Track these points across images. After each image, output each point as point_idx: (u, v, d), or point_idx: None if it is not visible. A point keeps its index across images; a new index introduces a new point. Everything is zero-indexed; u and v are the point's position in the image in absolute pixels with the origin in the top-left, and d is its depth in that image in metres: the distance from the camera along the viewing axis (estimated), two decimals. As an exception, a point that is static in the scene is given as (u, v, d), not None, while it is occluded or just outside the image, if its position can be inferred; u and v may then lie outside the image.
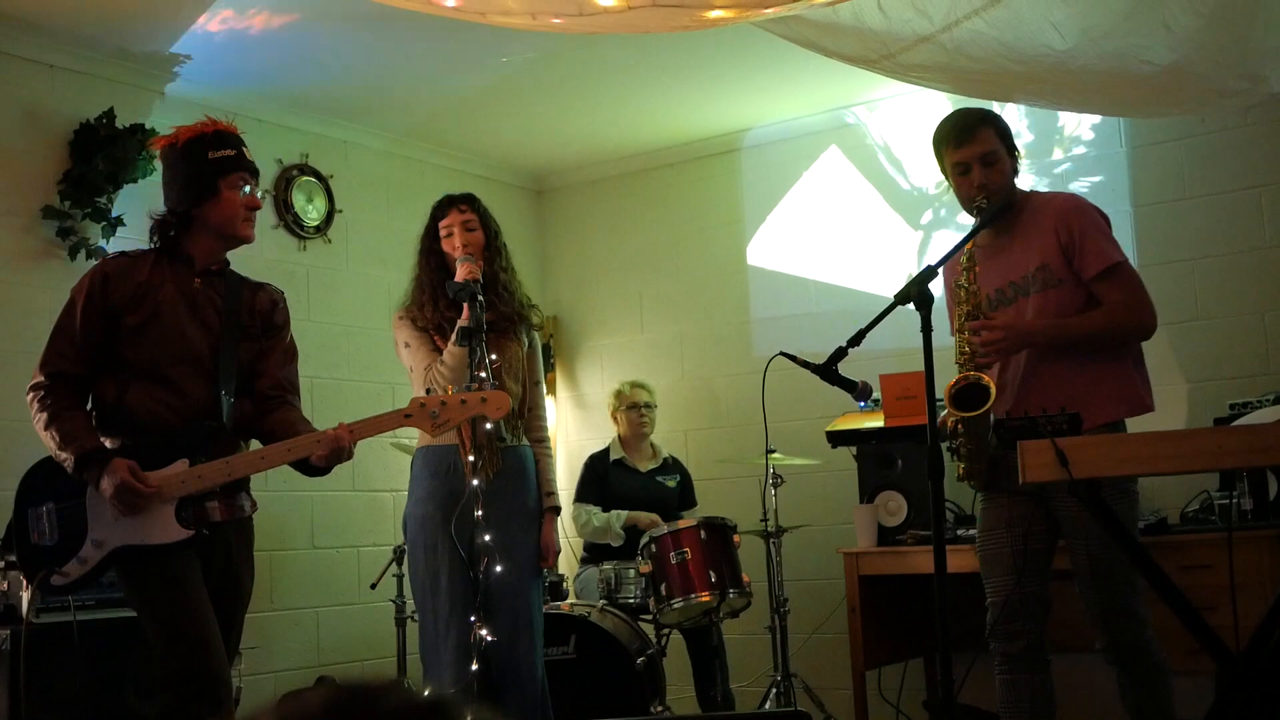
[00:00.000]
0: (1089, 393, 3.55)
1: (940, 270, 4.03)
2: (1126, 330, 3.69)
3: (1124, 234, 5.65)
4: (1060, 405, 3.24)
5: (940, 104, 5.99)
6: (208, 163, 3.41)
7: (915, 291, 3.21)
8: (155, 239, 3.47)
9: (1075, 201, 3.81)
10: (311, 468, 3.36)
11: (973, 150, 3.71)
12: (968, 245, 3.65)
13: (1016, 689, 3.66)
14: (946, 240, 5.82)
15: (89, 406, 3.38)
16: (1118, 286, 3.66)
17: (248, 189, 3.45)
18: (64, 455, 3.23)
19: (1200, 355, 5.44)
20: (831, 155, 6.46)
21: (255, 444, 3.56)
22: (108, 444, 3.31)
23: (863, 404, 5.32)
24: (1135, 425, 3.68)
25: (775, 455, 5.30)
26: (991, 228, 3.71)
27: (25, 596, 4.06)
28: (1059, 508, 3.62)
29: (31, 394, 3.32)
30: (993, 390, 3.49)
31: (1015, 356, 3.69)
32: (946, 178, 3.85)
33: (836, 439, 5.51)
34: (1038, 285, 3.69)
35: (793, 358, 3.61)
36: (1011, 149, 3.79)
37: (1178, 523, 4.95)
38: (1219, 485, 4.86)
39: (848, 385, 3.53)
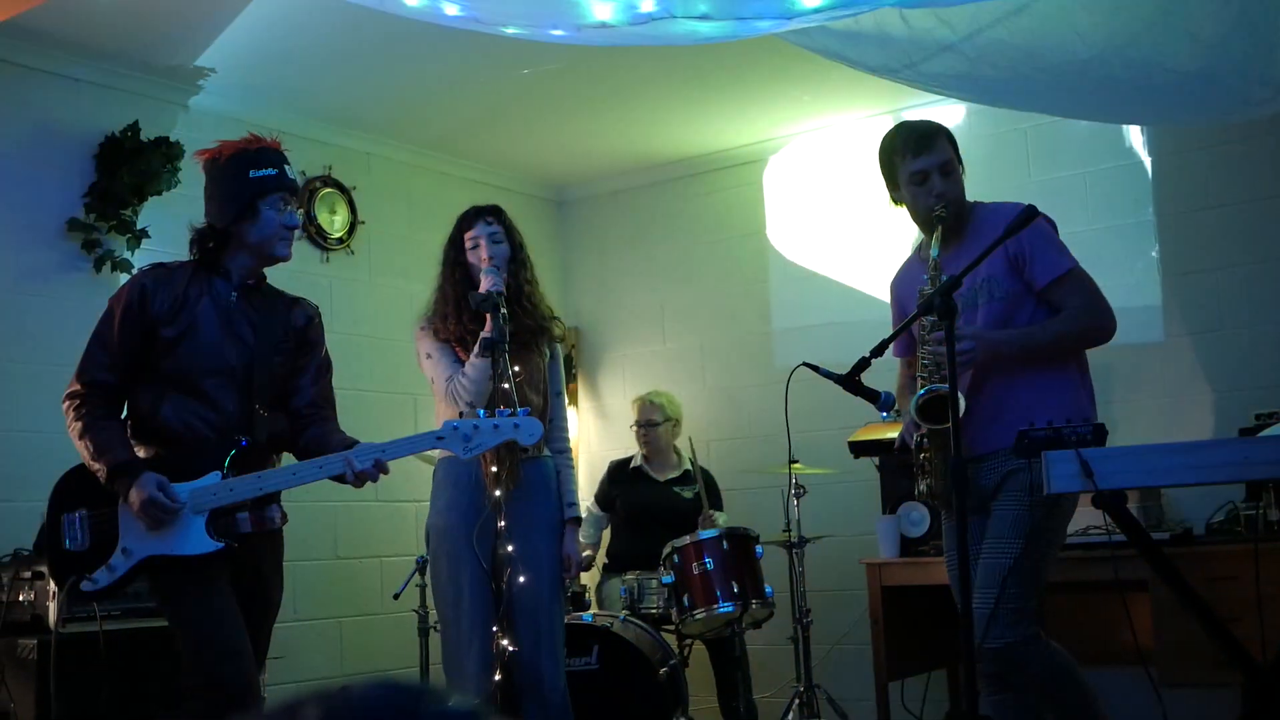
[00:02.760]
0: (1036, 403, 3.50)
1: (893, 285, 4.02)
2: (1090, 334, 3.68)
3: (1147, 243, 5.64)
4: (1048, 417, 3.22)
5: (962, 114, 5.98)
6: (248, 181, 3.41)
7: (939, 301, 3.20)
8: (195, 251, 3.49)
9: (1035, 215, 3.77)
10: (344, 479, 3.38)
11: (931, 159, 3.68)
12: (932, 259, 3.59)
13: (1004, 707, 3.63)
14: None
15: (124, 416, 3.41)
16: (1075, 292, 3.64)
17: (287, 209, 3.46)
18: (97, 465, 3.26)
19: (1225, 365, 5.41)
20: (853, 166, 6.45)
21: (288, 458, 3.57)
22: (141, 453, 3.33)
23: (885, 414, 5.28)
24: (1160, 435, 3.66)
25: (797, 465, 5.30)
26: (941, 241, 3.67)
27: (52, 607, 4.08)
28: (997, 507, 3.58)
29: (67, 402, 3.35)
30: (962, 402, 3.44)
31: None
32: (895, 189, 3.78)
33: (859, 449, 5.50)
34: (984, 297, 3.66)
35: (815, 368, 3.60)
36: (960, 160, 3.77)
37: (1203, 534, 4.92)
38: (1245, 496, 4.83)
39: (870, 395, 3.52)
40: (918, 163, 3.69)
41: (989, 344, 3.57)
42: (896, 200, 3.82)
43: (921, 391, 3.56)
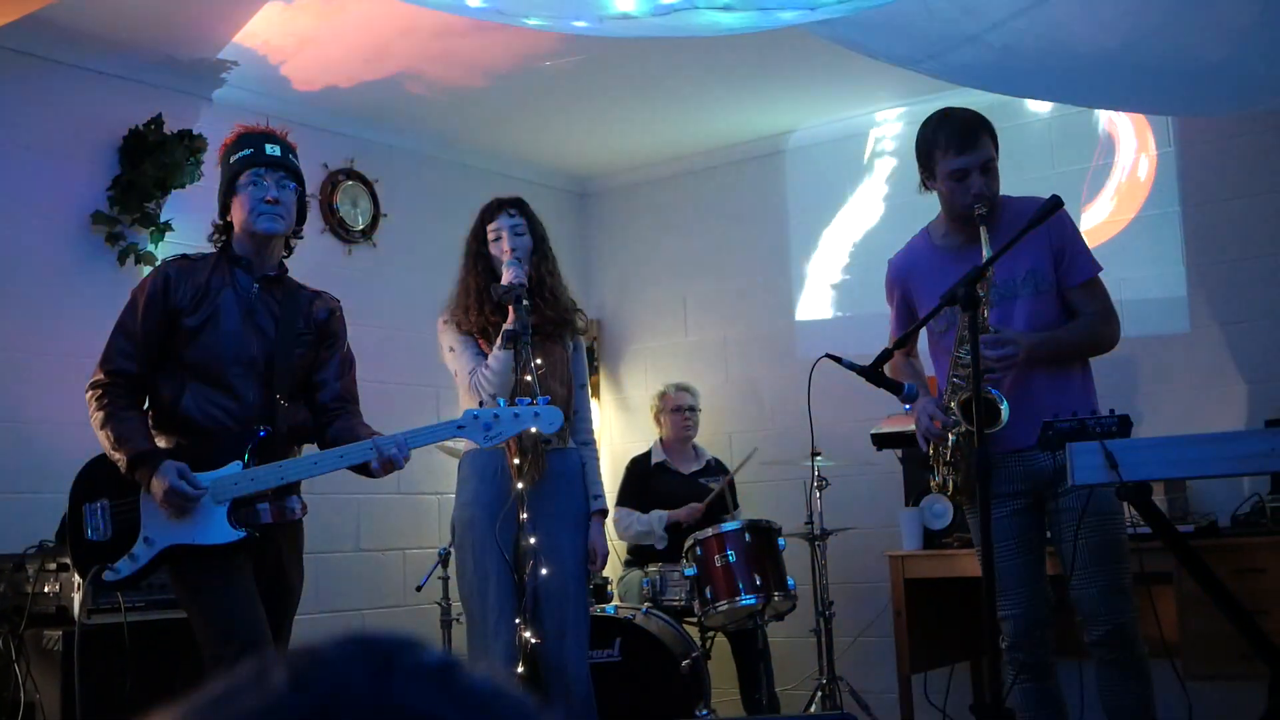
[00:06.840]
0: (1081, 397, 3.53)
1: (891, 267, 3.97)
2: (1103, 341, 3.69)
3: (1173, 234, 5.60)
4: (1072, 410, 3.22)
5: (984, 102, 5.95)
6: (228, 166, 3.50)
7: (963, 292, 3.18)
8: (216, 243, 3.54)
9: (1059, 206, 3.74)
10: (367, 470, 3.39)
11: (974, 157, 3.59)
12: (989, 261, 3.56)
13: (1040, 695, 3.63)
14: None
15: (146, 406, 3.43)
16: (1096, 297, 3.66)
17: (265, 183, 3.46)
18: (117, 455, 3.28)
19: (1251, 355, 5.37)
20: (875, 157, 6.43)
21: (309, 449, 3.59)
22: (163, 444, 3.35)
23: (908, 406, 5.29)
24: (1186, 426, 3.64)
25: (820, 458, 5.28)
26: (964, 232, 3.64)
27: (76, 598, 4.10)
28: (1050, 501, 3.57)
29: (90, 392, 3.37)
30: (1005, 408, 3.40)
31: None
32: (930, 179, 3.70)
33: (882, 441, 5.48)
34: (1028, 290, 3.63)
35: (838, 360, 3.58)
36: (997, 153, 3.70)
37: (1229, 526, 4.89)
38: (1271, 488, 4.80)
39: (894, 387, 3.50)
40: (959, 160, 3.59)
41: (1028, 348, 3.52)
42: (928, 188, 3.75)
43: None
